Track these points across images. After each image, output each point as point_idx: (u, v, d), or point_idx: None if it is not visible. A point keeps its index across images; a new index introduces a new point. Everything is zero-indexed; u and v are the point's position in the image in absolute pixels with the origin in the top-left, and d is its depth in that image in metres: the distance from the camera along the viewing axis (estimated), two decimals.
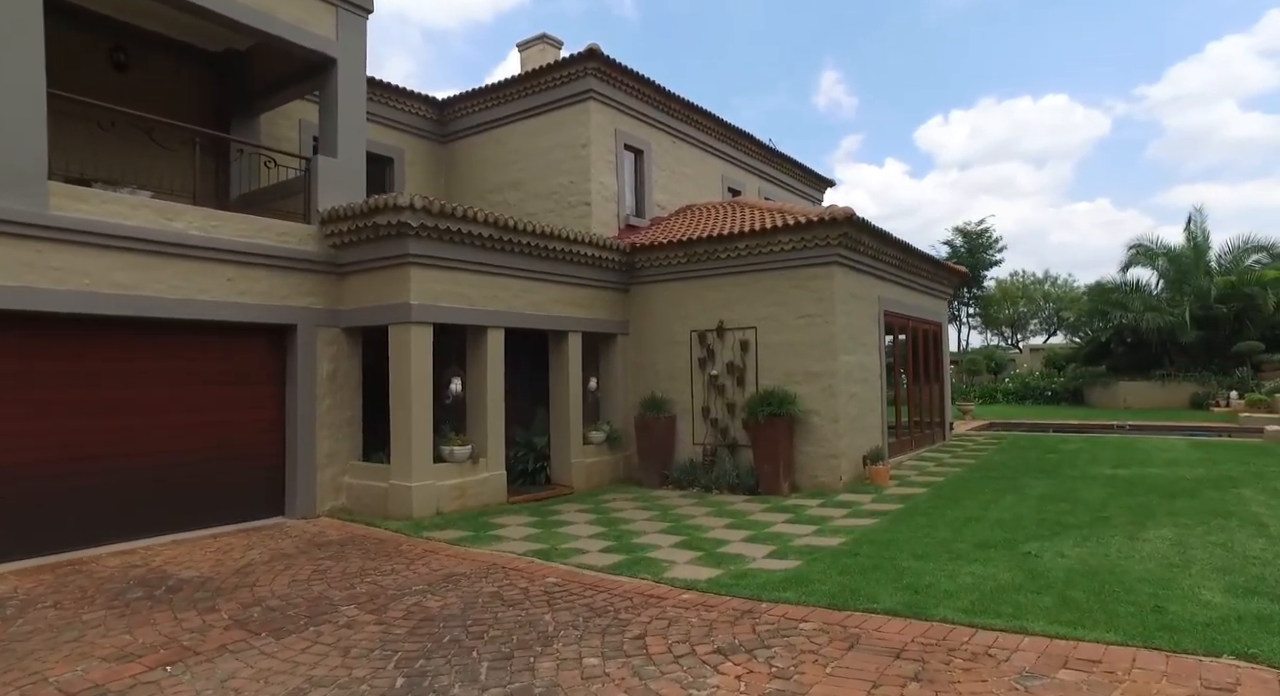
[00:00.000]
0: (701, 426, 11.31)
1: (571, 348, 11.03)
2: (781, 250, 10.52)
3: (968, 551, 6.36)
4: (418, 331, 8.74)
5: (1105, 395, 24.73)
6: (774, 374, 10.66)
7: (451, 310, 9.17)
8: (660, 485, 11.13)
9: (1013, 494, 9.16)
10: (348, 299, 9.39)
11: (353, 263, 9.22)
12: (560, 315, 10.84)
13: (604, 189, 12.96)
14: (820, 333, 10.29)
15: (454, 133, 14.52)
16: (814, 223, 10.10)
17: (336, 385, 9.33)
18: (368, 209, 8.59)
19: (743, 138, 16.89)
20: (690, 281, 11.52)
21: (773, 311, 10.71)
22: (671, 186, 14.68)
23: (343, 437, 9.37)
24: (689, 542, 7.37)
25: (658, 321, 11.84)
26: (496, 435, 9.71)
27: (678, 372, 11.60)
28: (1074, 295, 39.37)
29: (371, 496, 9.00)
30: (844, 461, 10.21)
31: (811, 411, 10.27)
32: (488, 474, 9.55)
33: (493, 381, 9.69)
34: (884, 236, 11.15)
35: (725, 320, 11.13)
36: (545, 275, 10.56)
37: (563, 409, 11.01)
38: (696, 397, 11.39)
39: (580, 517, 8.86)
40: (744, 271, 10.97)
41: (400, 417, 8.76)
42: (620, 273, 11.93)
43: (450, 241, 9.04)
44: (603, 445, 11.50)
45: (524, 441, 11.30)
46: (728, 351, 11.13)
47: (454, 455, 9.13)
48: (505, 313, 9.92)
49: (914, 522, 7.70)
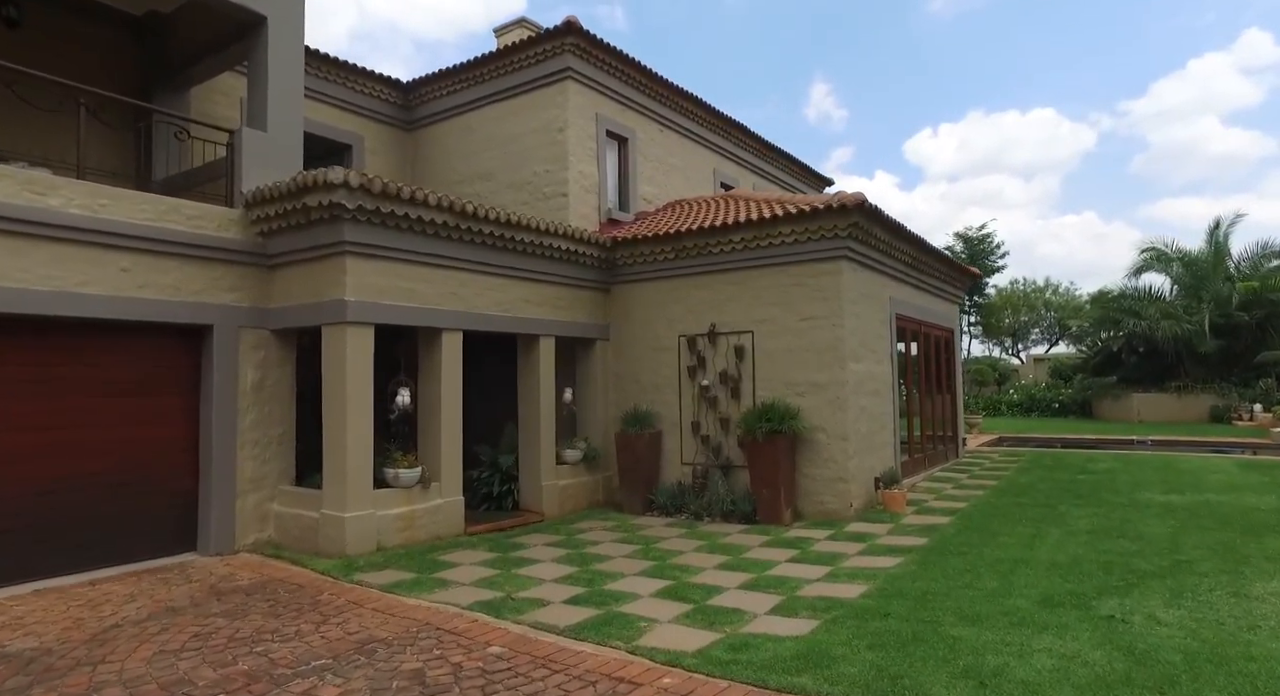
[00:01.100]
0: (691, 444, 9.98)
1: (543, 354, 9.70)
2: (783, 243, 9.24)
3: (1030, 611, 5.01)
4: (355, 333, 7.39)
5: (1116, 407, 23.54)
6: (773, 384, 9.35)
7: (399, 309, 7.82)
8: (644, 511, 9.78)
9: (1056, 526, 7.85)
10: (278, 295, 8.03)
11: (283, 253, 7.87)
12: (530, 317, 9.51)
13: (583, 179, 11.67)
14: (826, 337, 9.00)
15: (420, 119, 13.21)
16: (820, 212, 8.83)
17: (264, 396, 7.96)
18: (295, 188, 7.25)
19: (736, 129, 15.66)
20: (678, 280, 10.22)
21: (772, 313, 9.42)
22: (659, 179, 13.40)
23: (271, 458, 7.99)
24: (675, 590, 6.03)
25: (642, 325, 10.53)
26: (452, 455, 8.35)
27: (664, 383, 10.28)
28: (1076, 304, 38.33)
29: (301, 528, 7.61)
30: (854, 485, 8.90)
31: (816, 428, 8.96)
32: (441, 501, 8.18)
33: (448, 392, 8.34)
34: (897, 229, 9.89)
35: (718, 323, 9.83)
36: (512, 271, 9.23)
37: (533, 424, 9.66)
38: (685, 411, 10.06)
39: (547, 553, 7.50)
40: (739, 268, 9.68)
41: (333, 435, 7.40)
42: (600, 270, 10.63)
43: (396, 229, 7.71)
44: (579, 465, 10.15)
45: (489, 461, 9.94)
46: (720, 359, 9.82)
47: (399, 479, 7.76)
48: (464, 313, 8.58)
49: (948, 565, 6.37)
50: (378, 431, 7.93)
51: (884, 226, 9.58)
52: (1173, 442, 16.70)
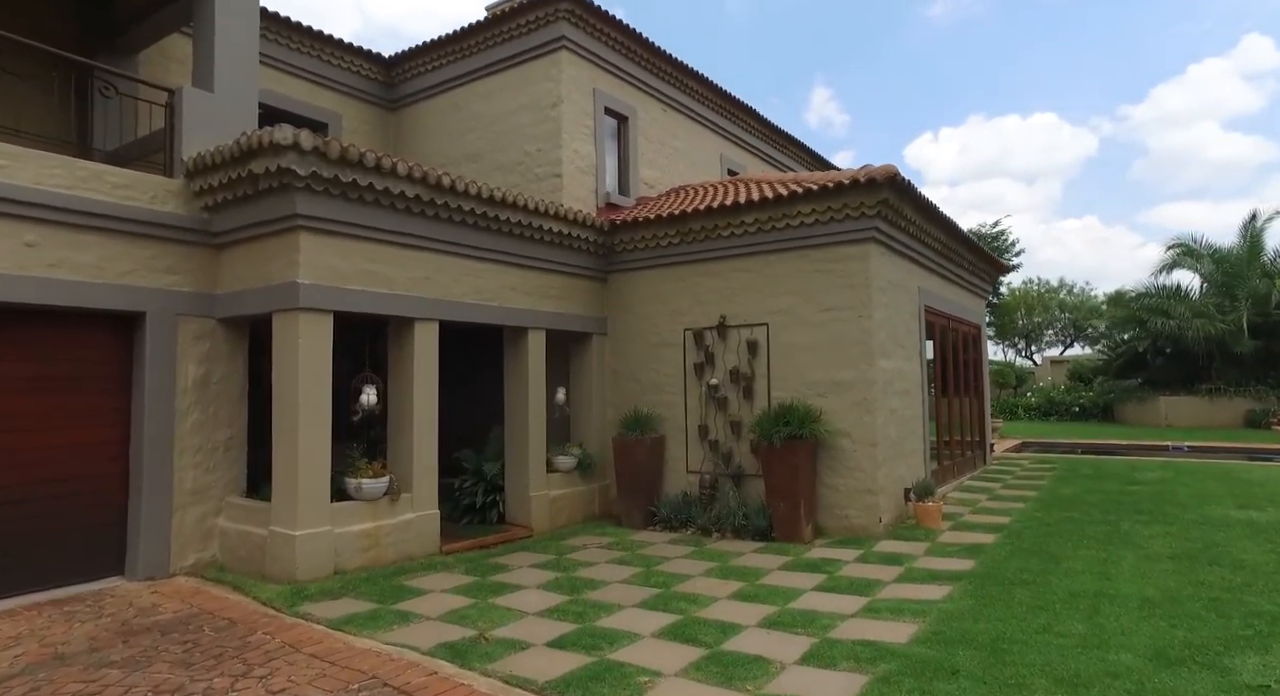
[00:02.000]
0: (698, 450, 8.93)
1: (532, 349, 8.65)
2: (802, 225, 8.20)
3: (1145, 673, 3.87)
4: (310, 321, 6.36)
5: (1141, 411, 22.42)
6: (790, 383, 8.30)
7: (363, 295, 6.79)
8: (645, 525, 8.72)
9: (1127, 548, 6.75)
10: (226, 279, 7.00)
11: (230, 231, 6.84)
12: (517, 307, 8.47)
13: (579, 159, 10.64)
14: (852, 330, 7.94)
15: (404, 97, 12.20)
16: (845, 187, 7.79)
17: (209, 395, 6.92)
18: (240, 151, 6.22)
19: (745, 113, 14.64)
20: (684, 267, 9.18)
21: (789, 303, 8.37)
22: (661, 162, 12.37)
23: (217, 466, 6.95)
24: (682, 629, 4.98)
25: (643, 317, 9.49)
26: (426, 462, 7.31)
27: (667, 382, 9.23)
28: (1092, 304, 37.22)
29: (249, 547, 6.57)
30: (883, 498, 7.84)
31: (840, 432, 7.90)
32: (412, 515, 7.13)
33: (422, 390, 7.30)
34: (929, 210, 8.84)
35: (728, 315, 8.79)
36: (497, 255, 8.20)
37: (520, 427, 8.61)
38: (691, 414, 9.01)
39: (533, 577, 6.45)
40: (753, 253, 8.64)
41: (284, 440, 6.36)
42: (596, 256, 9.59)
43: (360, 202, 6.68)
44: (572, 473, 9.10)
45: (473, 468, 8.89)
46: (731, 355, 8.78)
47: (363, 491, 6.72)
48: (440, 301, 7.54)
49: (1013, 599, 5.30)
50: (339, 435, 6.90)
51: (915, 206, 8.53)
52: (1212, 449, 15.60)
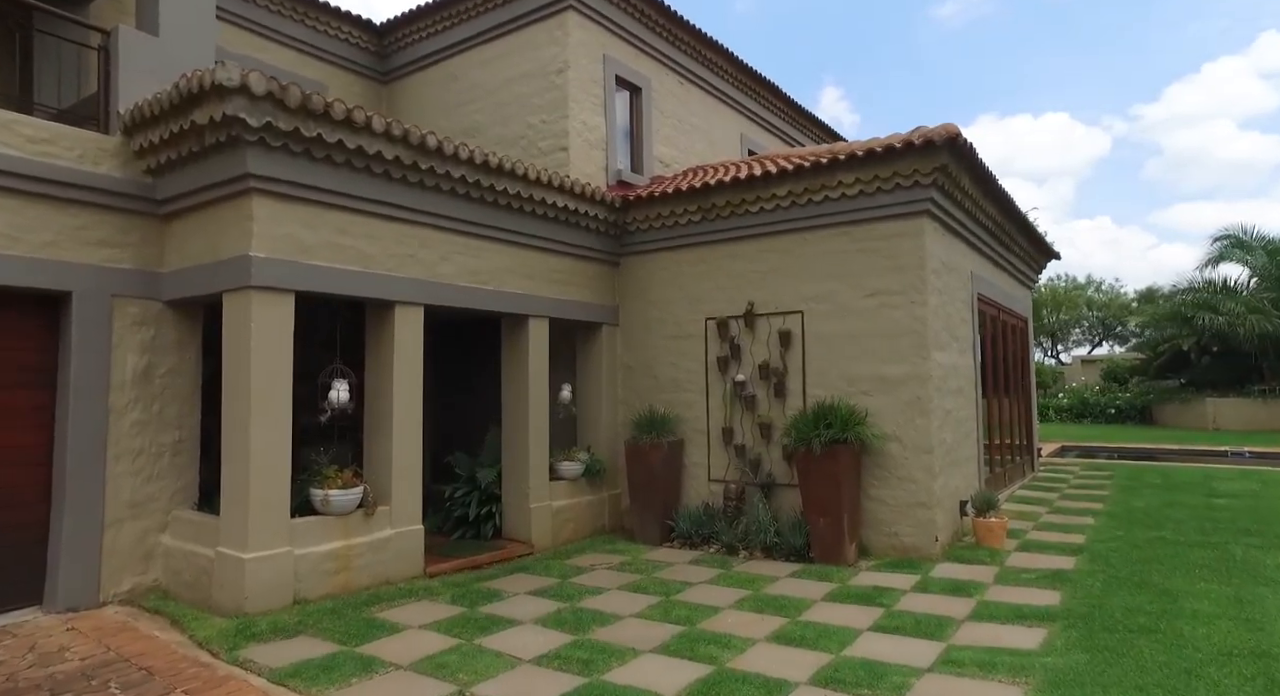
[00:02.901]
0: (722, 456, 7.85)
1: (533, 340, 7.60)
2: (843, 197, 7.11)
3: None
4: (266, 302, 5.33)
5: (1184, 413, 21.13)
6: (828, 380, 7.22)
7: (333, 273, 5.76)
8: (661, 541, 7.66)
9: (1258, 582, 5.46)
10: (174, 255, 5.99)
11: (178, 197, 5.83)
12: (516, 292, 7.42)
13: (587, 131, 9.58)
14: (902, 318, 6.85)
15: (396, 68, 11.18)
16: (897, 152, 6.70)
17: (153, 390, 5.91)
18: (180, 97, 5.20)
19: (768, 91, 13.54)
20: (706, 248, 8.10)
21: (828, 288, 7.28)
22: (678, 140, 11.30)
23: (162, 474, 5.93)
24: (715, 686, 3.92)
25: (659, 305, 8.42)
26: (408, 469, 6.27)
27: (687, 379, 8.16)
28: (1122, 302, 35.83)
29: (195, 570, 5.54)
30: (939, 513, 6.73)
31: (888, 436, 6.81)
32: (390, 531, 6.09)
33: (404, 385, 6.26)
34: (989, 181, 7.71)
35: (756, 302, 7.71)
36: (493, 232, 7.15)
37: (519, 429, 7.56)
38: (714, 414, 7.94)
39: (530, 609, 5.40)
40: (785, 231, 7.55)
41: (234, 444, 5.33)
42: (607, 237, 8.53)
43: (329, 164, 5.65)
44: (579, 481, 8.04)
45: (466, 475, 7.85)
46: (760, 348, 7.70)
47: (331, 504, 5.68)
48: (426, 283, 6.51)
49: (1140, 655, 4.15)
50: (303, 439, 5.88)
51: (974, 175, 7.41)
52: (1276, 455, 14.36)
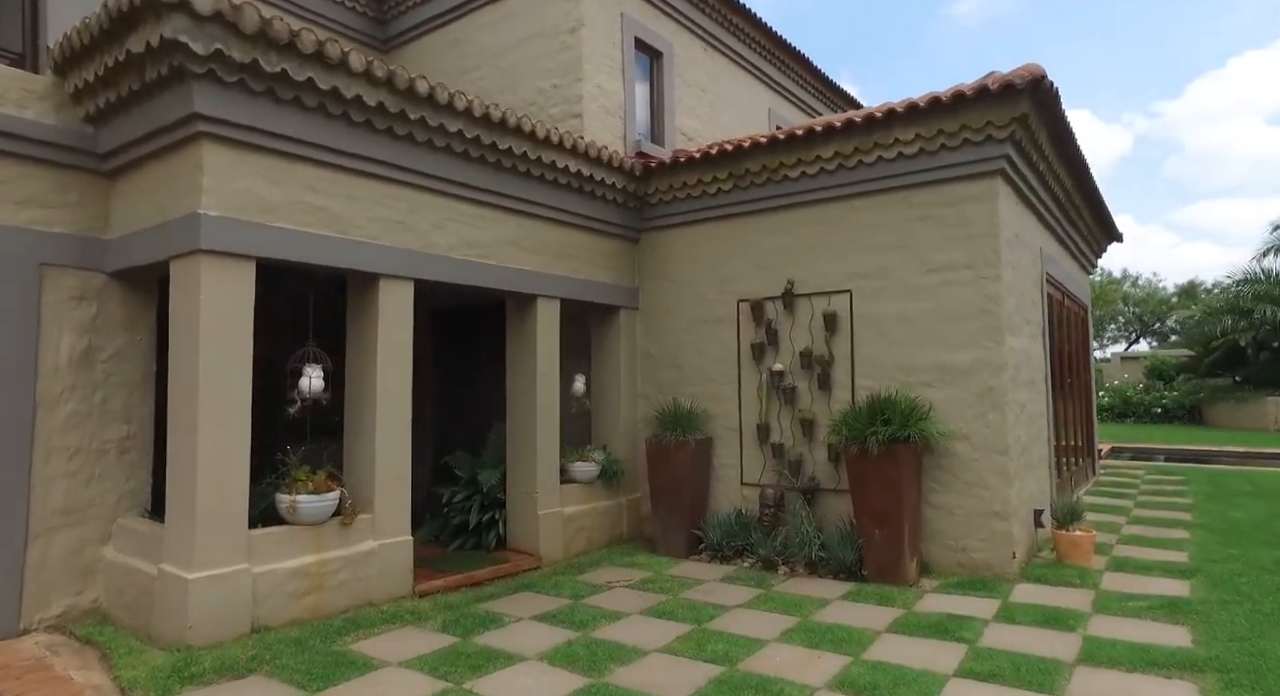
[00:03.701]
0: (757, 457, 6.89)
1: (542, 324, 6.68)
2: (900, 157, 6.12)
3: None
4: (218, 269, 4.43)
5: (1239, 413, 19.83)
6: (882, 369, 6.24)
7: (303, 238, 4.86)
8: (688, 552, 6.72)
9: None
10: (119, 218, 5.12)
11: (121, 148, 4.95)
12: (522, 269, 6.50)
13: (603, 96, 8.65)
14: (971, 297, 5.86)
15: (397, 35, 10.30)
16: (967, 100, 5.70)
17: (94, 377, 5.04)
18: (111, 19, 4.30)
19: (799, 64, 12.53)
20: (739, 221, 7.14)
21: (880, 262, 6.30)
22: (702, 111, 10.34)
23: (105, 474, 5.06)
24: None
25: (685, 286, 7.47)
26: (395, 471, 5.36)
27: (716, 369, 7.21)
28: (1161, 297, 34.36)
29: (136, 591, 4.66)
30: (1016, 524, 5.72)
31: (954, 435, 5.82)
32: (373, 544, 5.18)
33: (389, 373, 5.36)
34: (1067, 140, 6.66)
35: (797, 281, 6.74)
36: (497, 199, 6.24)
37: (526, 425, 6.65)
38: (748, 409, 6.98)
39: (535, 640, 4.48)
40: (830, 198, 6.58)
41: (180, 441, 4.45)
42: (626, 209, 7.59)
43: (298, 107, 4.75)
44: (593, 484, 7.11)
45: (467, 477, 6.95)
46: (801, 333, 6.73)
47: (300, 511, 4.78)
48: (417, 254, 5.60)
49: None
50: (269, 434, 5.00)
51: (1053, 131, 6.38)
52: None
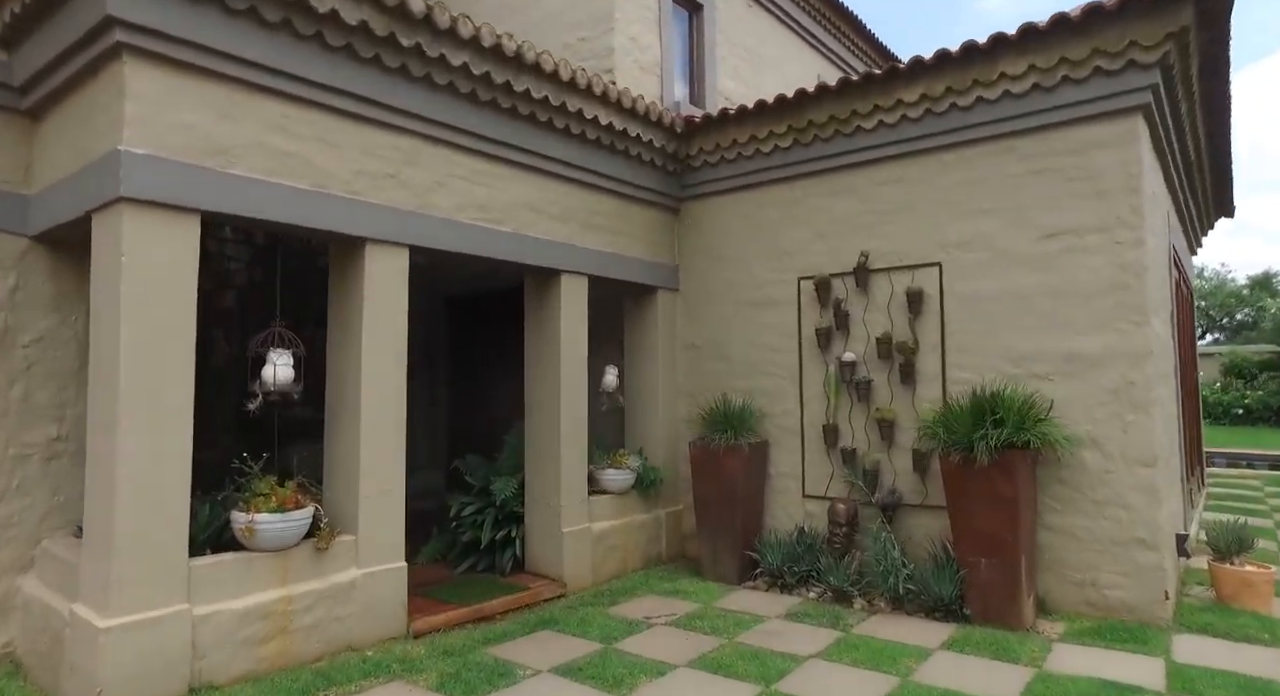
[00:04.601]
0: (823, 464, 5.76)
1: (566, 305, 5.61)
2: (1006, 95, 4.94)
3: None
4: (146, 226, 3.43)
5: None
6: (982, 358, 5.07)
7: (265, 189, 3.85)
8: (740, 578, 5.62)
9: None
10: (43, 166, 4.14)
11: (40, 76, 3.96)
12: (543, 238, 5.43)
13: (637, 50, 7.58)
14: (1102, 267, 4.66)
15: None
16: (1103, 14, 4.50)
17: (13, 366, 4.09)
18: None
19: (851, 27, 11.30)
20: (799, 184, 6.01)
21: (980, 229, 5.13)
22: (745, 74, 9.20)
23: (27, 487, 4.10)
24: None
25: (734, 263, 6.36)
26: (385, 481, 4.33)
27: (772, 360, 6.09)
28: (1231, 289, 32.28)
29: (50, 638, 3.67)
30: (1167, 556, 4.51)
31: (1081, 440, 4.62)
32: (356, 573, 4.16)
33: (375, 360, 4.33)
34: (1222, 73, 5.37)
35: (873, 254, 5.59)
36: (512, 153, 5.18)
37: (548, 425, 5.58)
38: (811, 407, 5.85)
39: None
40: (915, 152, 5.42)
41: (97, 447, 3.45)
42: (665, 174, 6.50)
43: (255, 21, 3.74)
44: (628, 496, 6.04)
45: (479, 485, 5.91)
46: (878, 315, 5.58)
47: (259, 534, 3.76)
48: (414, 215, 4.56)
49: None
50: (229, 435, 3.99)
51: (1209, 59, 5.10)
52: None
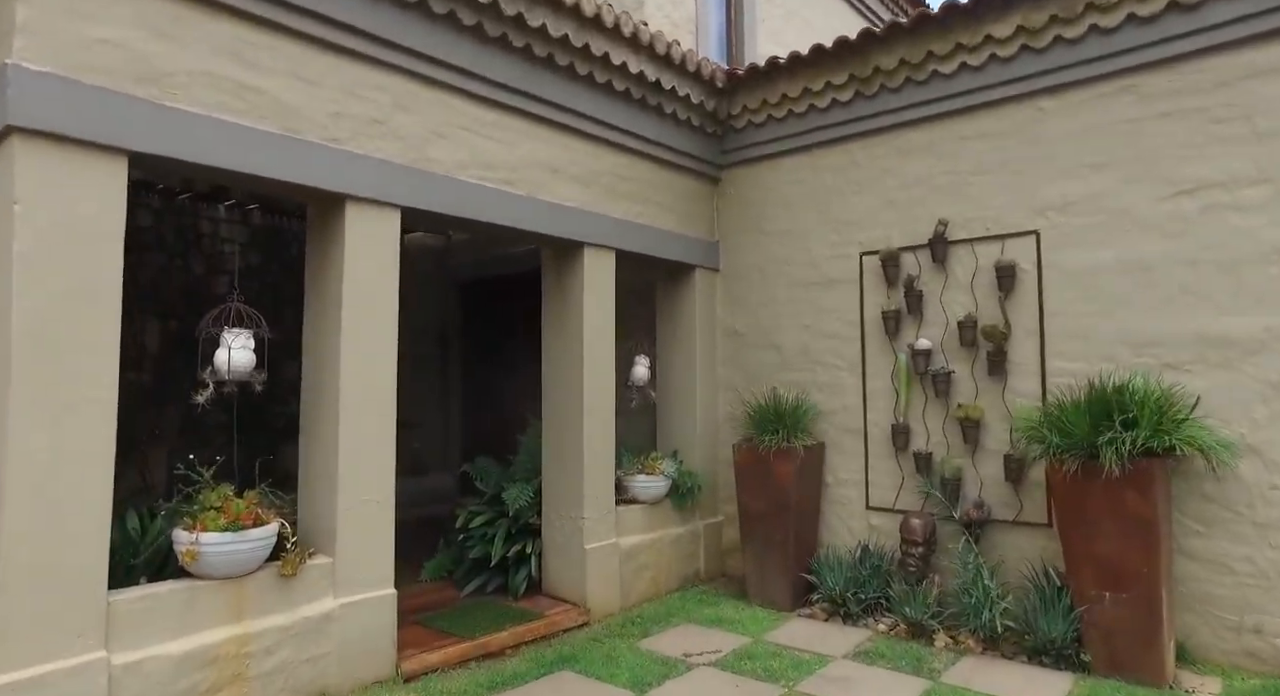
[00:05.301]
0: (891, 470, 4.89)
1: (590, 282, 4.79)
2: (1130, 20, 4.02)
3: None
4: (43, 162, 2.68)
5: None
6: (1094, 344, 4.17)
7: (219, 131, 3.09)
8: (793, 604, 4.78)
9: None
10: None
11: None
12: (562, 204, 4.63)
13: (670, 5, 6.78)
14: (1261, 228, 3.74)
15: None
16: None
17: None
18: None
19: None
20: (861, 144, 5.14)
21: (1089, 187, 4.22)
22: (788, 37, 8.31)
23: None
24: None
25: (784, 237, 5.50)
26: (371, 490, 3.56)
27: (829, 348, 5.23)
28: None
29: None
30: None
31: (1230, 446, 3.68)
32: (332, 604, 3.39)
33: (358, 342, 3.56)
34: None
35: (953, 221, 4.71)
36: (527, 103, 4.38)
37: (569, 423, 4.78)
38: (877, 403, 4.98)
39: None
40: (1004, 100, 4.52)
41: None
42: (703, 136, 5.66)
43: None
44: (661, 506, 5.21)
45: (490, 492, 5.13)
46: (959, 295, 4.69)
47: (205, 559, 3.00)
48: (406, 170, 3.78)
49: None
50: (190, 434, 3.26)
51: None
52: None
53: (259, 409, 4.30)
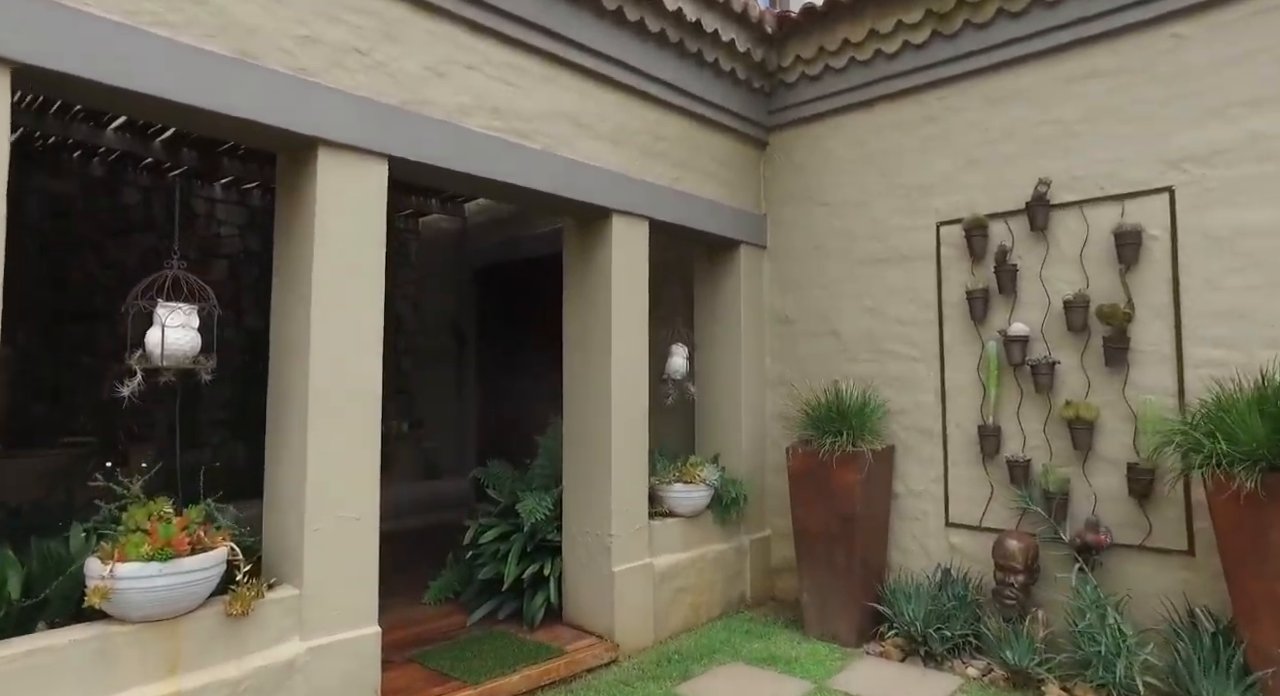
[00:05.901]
0: (978, 480, 4.08)
1: (619, 259, 4.04)
2: None
3: None
4: None
5: None
6: (1253, 326, 3.33)
7: (139, 44, 2.42)
8: (859, 638, 4.00)
9: None
10: None
11: None
12: (586, 163, 3.89)
13: None
14: None
15: None
16: None
17: None
18: None
19: None
20: (936, 94, 4.33)
21: (1239, 131, 3.38)
22: None
23: None
24: None
25: (844, 207, 4.71)
26: (348, 504, 2.87)
27: (898, 335, 4.44)
28: None
29: None
30: None
31: None
32: (299, 647, 2.70)
33: (328, 324, 2.87)
34: None
35: (1057, 180, 3.88)
36: (546, 41, 3.66)
37: (595, 423, 4.04)
38: (958, 400, 4.18)
39: None
40: (1119, 28, 3.69)
41: None
42: (749, 92, 4.89)
43: None
44: (701, 518, 4.46)
45: (504, 502, 4.42)
46: (1064, 270, 3.86)
47: (125, 596, 2.33)
48: (395, 112, 3.08)
49: None
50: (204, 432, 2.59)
51: None
52: None
53: (260, 408, 3.64)
